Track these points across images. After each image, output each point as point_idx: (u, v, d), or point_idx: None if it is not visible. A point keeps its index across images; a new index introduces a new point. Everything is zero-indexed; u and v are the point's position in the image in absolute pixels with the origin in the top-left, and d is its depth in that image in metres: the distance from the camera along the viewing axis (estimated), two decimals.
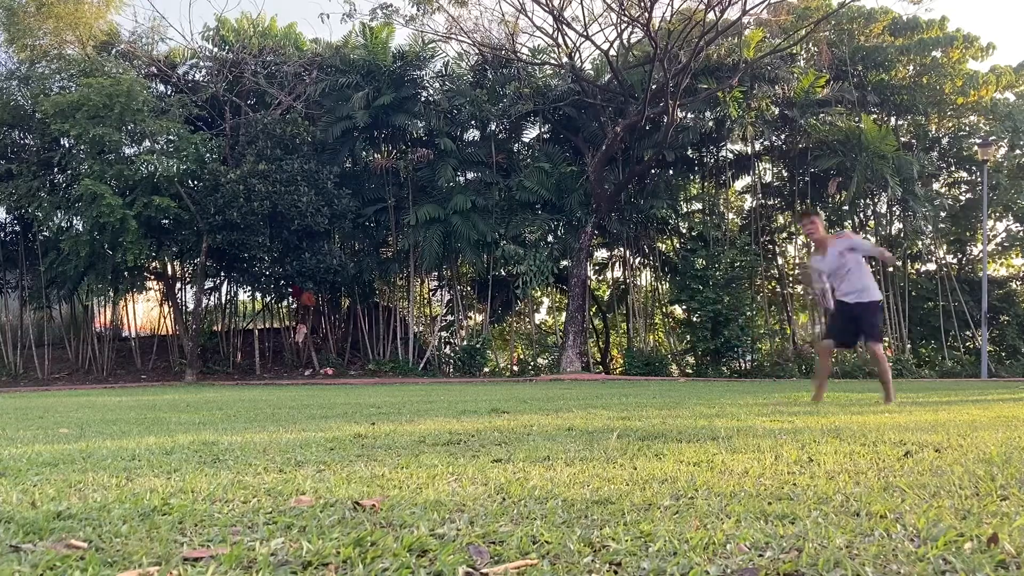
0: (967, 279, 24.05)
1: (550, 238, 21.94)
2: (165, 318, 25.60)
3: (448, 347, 23.69)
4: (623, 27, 20.51)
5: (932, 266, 24.92)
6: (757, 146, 23.33)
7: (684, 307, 22.65)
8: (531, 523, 1.62)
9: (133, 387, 18.38)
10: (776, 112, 22.25)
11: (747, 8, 19.88)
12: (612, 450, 2.92)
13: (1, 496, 2.02)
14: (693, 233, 24.06)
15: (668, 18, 20.24)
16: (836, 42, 22.58)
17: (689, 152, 23.69)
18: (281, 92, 21.15)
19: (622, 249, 25.06)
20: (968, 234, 24.82)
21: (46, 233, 21.61)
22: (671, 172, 24.03)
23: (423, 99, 22.29)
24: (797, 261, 25.32)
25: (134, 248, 18.80)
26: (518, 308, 25.23)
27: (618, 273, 27.18)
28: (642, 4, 19.23)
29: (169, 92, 22.34)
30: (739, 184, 26.12)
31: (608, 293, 27.89)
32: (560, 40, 21.79)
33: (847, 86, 22.03)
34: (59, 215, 20.95)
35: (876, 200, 23.36)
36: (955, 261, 25.35)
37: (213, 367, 22.67)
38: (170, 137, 20.10)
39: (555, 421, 4.57)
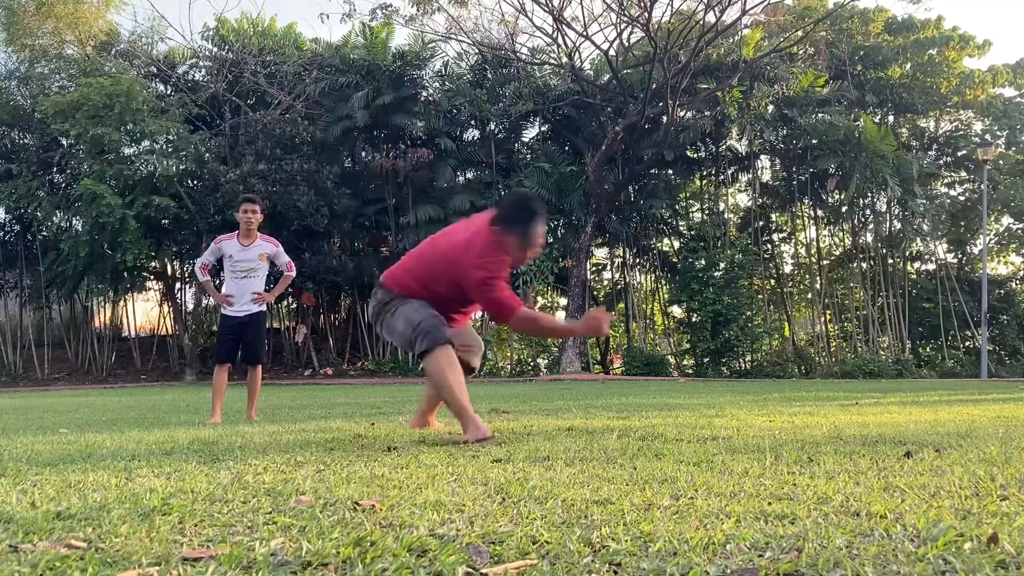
0: (967, 279, 24.04)
1: (550, 238, 21.95)
2: (165, 318, 25.58)
3: None
4: (623, 27, 20.52)
5: (932, 266, 24.91)
6: (756, 145, 23.32)
7: (684, 307, 22.63)
8: (531, 523, 1.62)
9: (133, 387, 18.38)
10: (775, 111, 22.25)
11: (746, 8, 19.91)
12: (612, 450, 2.92)
13: (1, 496, 2.01)
14: (693, 233, 24.03)
15: (668, 18, 20.26)
16: (835, 41, 22.58)
17: (688, 152, 23.69)
18: (281, 92, 21.14)
19: (622, 249, 25.06)
20: (968, 235, 24.82)
21: (46, 233, 21.61)
22: (670, 172, 24.02)
23: (423, 99, 22.28)
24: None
25: (134, 248, 18.80)
26: None
27: (617, 273, 27.18)
28: (642, 4, 19.23)
29: (169, 92, 22.33)
30: (738, 184, 26.12)
31: (607, 293, 27.87)
32: (560, 40, 21.81)
33: (846, 85, 22.03)
34: (59, 215, 20.96)
35: (875, 200, 23.36)
36: (955, 261, 25.35)
37: (213, 367, 22.66)
38: (170, 137, 20.10)
39: (555, 421, 4.57)
